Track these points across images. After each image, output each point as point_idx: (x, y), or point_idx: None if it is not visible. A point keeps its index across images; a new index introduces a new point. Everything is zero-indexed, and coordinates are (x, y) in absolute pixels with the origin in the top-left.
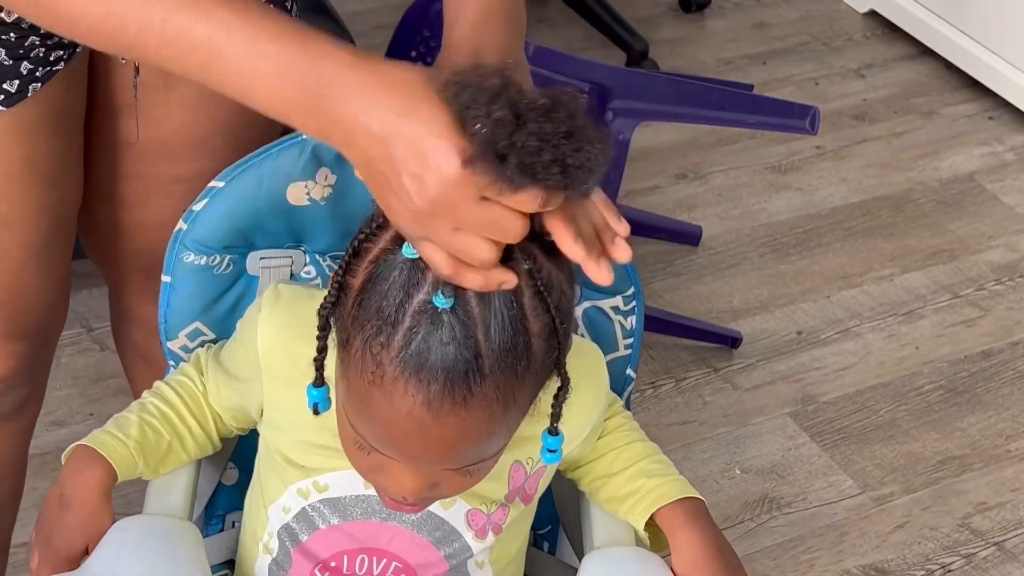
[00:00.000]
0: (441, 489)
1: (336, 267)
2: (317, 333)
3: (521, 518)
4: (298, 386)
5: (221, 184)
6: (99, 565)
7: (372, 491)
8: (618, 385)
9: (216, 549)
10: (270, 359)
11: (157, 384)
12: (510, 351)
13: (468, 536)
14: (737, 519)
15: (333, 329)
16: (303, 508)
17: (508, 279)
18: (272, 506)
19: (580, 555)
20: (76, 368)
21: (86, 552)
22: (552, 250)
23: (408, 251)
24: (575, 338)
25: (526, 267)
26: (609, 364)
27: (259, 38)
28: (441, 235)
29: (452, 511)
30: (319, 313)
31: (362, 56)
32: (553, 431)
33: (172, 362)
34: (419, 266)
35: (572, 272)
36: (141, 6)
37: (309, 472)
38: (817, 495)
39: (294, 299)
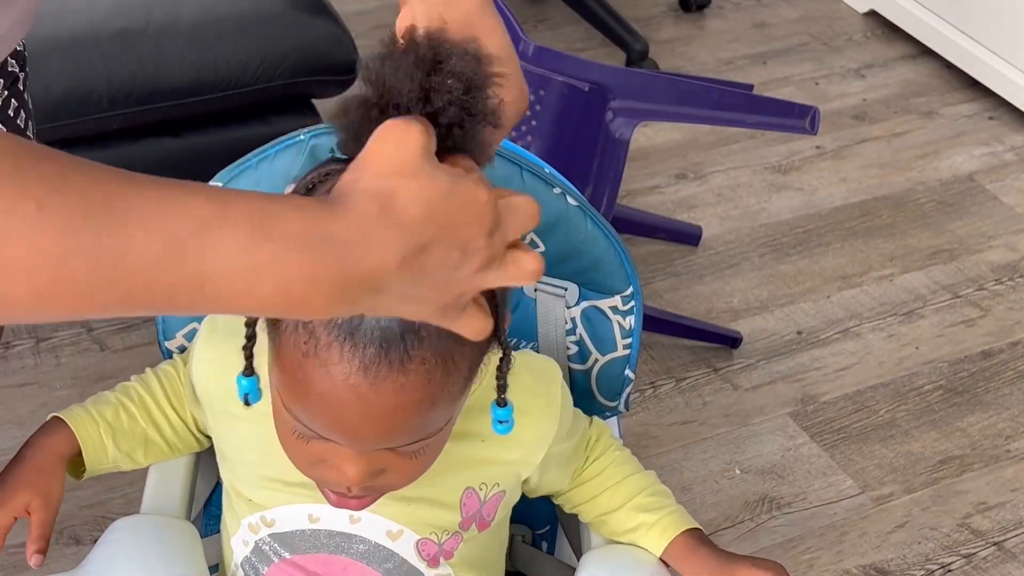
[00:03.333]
0: (387, 477)
1: None
2: (245, 320)
3: (484, 543)
4: (239, 418)
5: (219, 185)
6: (96, 565)
7: (317, 525)
8: (617, 385)
9: (214, 549)
10: (208, 394)
11: (146, 371)
12: None
13: (422, 567)
14: (737, 519)
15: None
16: (255, 543)
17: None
18: (233, 538)
19: (579, 554)
20: (76, 368)
21: (27, 513)
22: None
23: None
24: (532, 355)
25: None
26: (608, 364)
27: (253, 222)
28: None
29: (400, 542)
30: None
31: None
32: (501, 402)
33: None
34: None
35: None
36: (109, 232)
37: (256, 507)
38: (817, 495)
39: (229, 333)
